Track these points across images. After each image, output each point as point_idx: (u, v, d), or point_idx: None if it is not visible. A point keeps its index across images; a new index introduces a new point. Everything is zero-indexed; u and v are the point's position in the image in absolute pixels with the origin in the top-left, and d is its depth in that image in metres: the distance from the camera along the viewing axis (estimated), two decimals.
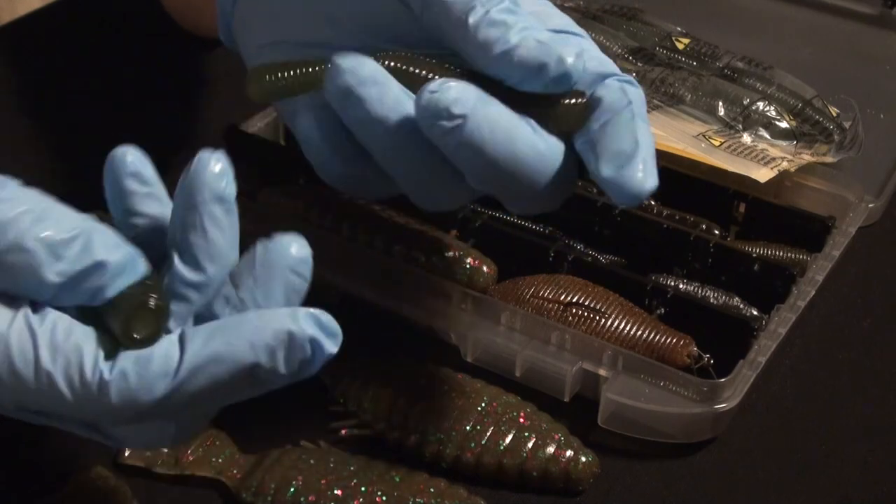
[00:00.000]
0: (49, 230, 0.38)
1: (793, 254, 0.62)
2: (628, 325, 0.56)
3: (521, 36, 0.45)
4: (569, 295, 0.57)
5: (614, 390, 0.53)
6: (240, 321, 0.39)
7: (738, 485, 0.53)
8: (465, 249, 0.60)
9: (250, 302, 0.41)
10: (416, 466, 0.51)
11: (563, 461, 0.51)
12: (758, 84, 0.73)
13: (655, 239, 0.62)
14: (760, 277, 0.60)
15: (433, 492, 0.49)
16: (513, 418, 0.52)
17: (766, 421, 0.56)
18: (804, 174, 0.67)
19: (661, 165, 0.66)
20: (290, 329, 0.38)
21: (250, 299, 0.41)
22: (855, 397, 0.57)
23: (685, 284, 0.60)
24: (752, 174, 0.64)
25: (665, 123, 0.69)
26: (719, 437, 0.54)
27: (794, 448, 0.55)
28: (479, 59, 0.46)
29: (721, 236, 0.63)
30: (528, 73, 0.45)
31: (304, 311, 0.39)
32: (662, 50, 0.76)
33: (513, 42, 0.45)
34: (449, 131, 0.45)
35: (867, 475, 0.53)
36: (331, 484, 0.49)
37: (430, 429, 0.52)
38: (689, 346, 0.55)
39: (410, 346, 0.57)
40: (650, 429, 0.53)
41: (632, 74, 0.73)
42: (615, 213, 0.62)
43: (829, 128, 0.71)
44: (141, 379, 0.38)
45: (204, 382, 0.39)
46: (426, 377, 0.54)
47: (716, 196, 0.65)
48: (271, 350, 0.38)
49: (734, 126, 0.70)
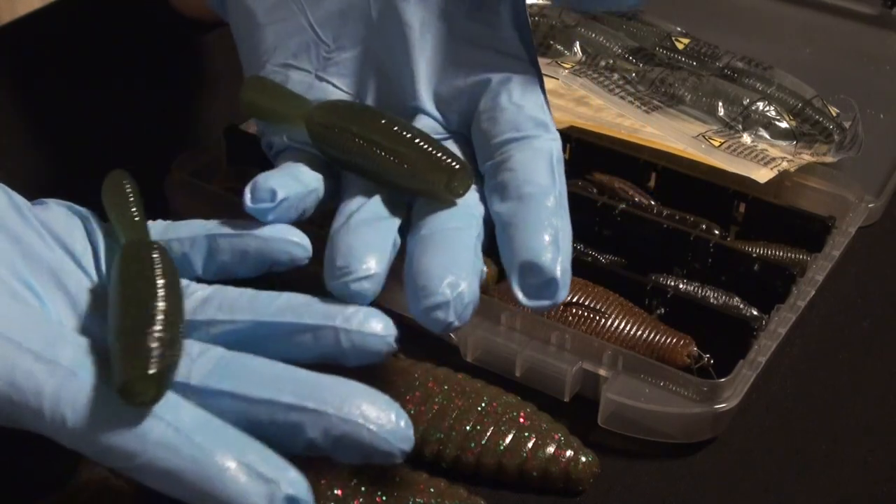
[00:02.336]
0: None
1: (793, 254, 0.62)
2: (628, 325, 0.56)
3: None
4: (569, 295, 0.57)
5: (614, 390, 0.53)
6: (209, 463, 0.38)
7: (738, 485, 0.53)
8: None
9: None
10: (416, 466, 0.51)
11: (563, 461, 0.51)
12: (758, 84, 0.73)
13: (655, 239, 0.62)
14: (760, 277, 0.60)
15: (433, 492, 0.49)
16: (513, 418, 0.52)
17: (766, 421, 0.56)
18: (804, 174, 0.67)
19: (661, 165, 0.67)
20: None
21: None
22: (855, 397, 0.57)
23: (685, 284, 0.60)
24: (752, 174, 0.64)
25: (665, 124, 0.69)
26: (719, 437, 0.54)
27: (794, 448, 0.55)
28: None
29: (721, 236, 0.63)
30: None
31: (281, 497, 0.38)
32: (662, 50, 0.76)
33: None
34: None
35: (867, 475, 0.53)
36: (331, 484, 0.49)
37: (430, 429, 0.52)
38: (689, 346, 0.55)
39: (410, 346, 0.57)
40: (650, 429, 0.53)
41: (631, 74, 0.73)
42: (615, 213, 0.63)
43: (829, 128, 0.71)
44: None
45: (151, 479, 0.38)
46: (426, 377, 0.54)
47: (716, 196, 0.65)
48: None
49: (734, 126, 0.70)
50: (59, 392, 0.38)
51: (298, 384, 0.40)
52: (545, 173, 0.46)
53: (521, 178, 0.46)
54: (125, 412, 0.38)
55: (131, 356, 0.39)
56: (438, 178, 0.46)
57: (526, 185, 0.46)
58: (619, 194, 0.66)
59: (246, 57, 0.55)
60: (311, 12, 0.52)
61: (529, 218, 0.45)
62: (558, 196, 0.46)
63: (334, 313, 0.43)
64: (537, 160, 0.47)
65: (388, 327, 0.43)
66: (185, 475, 0.38)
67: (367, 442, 0.40)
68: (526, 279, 0.44)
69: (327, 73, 0.53)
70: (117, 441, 0.38)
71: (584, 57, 0.75)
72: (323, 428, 0.40)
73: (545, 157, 0.47)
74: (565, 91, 0.71)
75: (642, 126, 0.69)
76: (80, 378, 0.39)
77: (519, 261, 0.44)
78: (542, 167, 0.47)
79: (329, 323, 0.43)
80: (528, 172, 0.46)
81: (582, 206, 0.63)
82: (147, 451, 0.38)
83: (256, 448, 0.39)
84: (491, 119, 0.50)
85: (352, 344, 0.43)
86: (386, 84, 0.52)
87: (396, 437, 0.40)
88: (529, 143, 0.48)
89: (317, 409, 0.40)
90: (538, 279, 0.43)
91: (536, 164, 0.47)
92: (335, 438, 0.40)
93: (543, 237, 0.44)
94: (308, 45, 0.52)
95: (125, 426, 0.38)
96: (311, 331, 0.43)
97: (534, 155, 0.47)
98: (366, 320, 0.43)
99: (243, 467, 0.38)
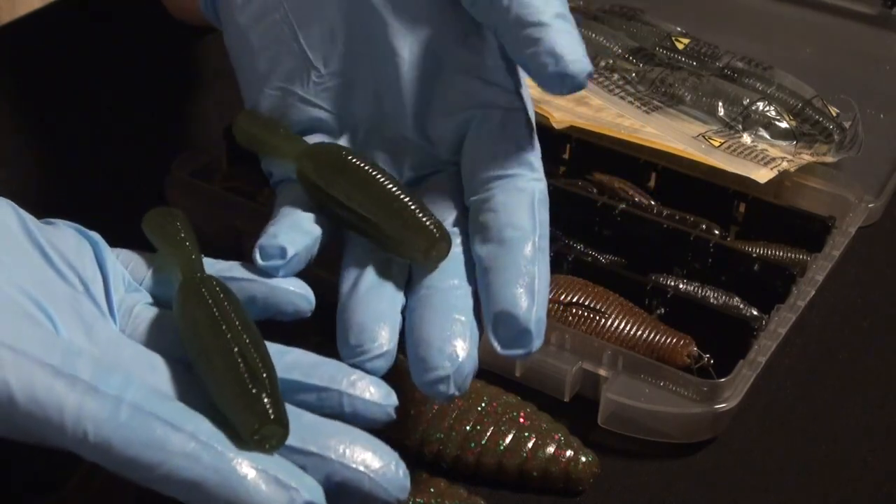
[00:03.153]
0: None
1: (793, 254, 0.62)
2: (628, 325, 0.56)
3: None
4: (569, 295, 0.57)
5: (614, 390, 0.53)
6: (229, 470, 0.38)
7: (738, 485, 0.53)
8: None
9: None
10: (416, 466, 0.51)
11: (563, 461, 0.51)
12: (758, 84, 0.73)
13: (655, 239, 0.62)
14: (760, 277, 0.60)
15: (433, 492, 0.49)
16: (513, 418, 0.52)
17: (766, 421, 0.56)
18: (804, 174, 0.67)
19: (661, 165, 0.67)
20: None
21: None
22: (855, 397, 0.57)
23: (685, 284, 0.60)
24: (752, 175, 0.64)
25: (665, 124, 0.69)
26: (719, 437, 0.54)
27: (794, 448, 0.55)
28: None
29: (721, 236, 0.63)
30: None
31: (301, 502, 0.38)
32: (662, 50, 0.76)
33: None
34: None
35: (867, 475, 0.53)
36: None
37: (430, 429, 0.52)
38: (689, 346, 0.55)
39: None
40: (650, 429, 0.53)
41: (631, 74, 0.73)
42: (615, 213, 0.63)
43: (829, 128, 0.71)
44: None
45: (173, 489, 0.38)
46: None
47: (716, 196, 0.65)
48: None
49: (734, 126, 0.70)
50: (81, 407, 0.38)
51: (303, 428, 0.41)
52: (526, 216, 0.47)
53: (502, 221, 0.47)
54: (146, 424, 0.39)
55: (248, 406, 0.40)
56: (418, 245, 0.46)
57: (506, 228, 0.46)
58: (619, 194, 0.66)
59: (243, 78, 0.55)
60: (302, 35, 0.52)
61: (507, 265, 0.45)
62: (538, 240, 0.46)
63: (340, 377, 0.44)
64: (519, 202, 0.47)
65: (389, 396, 0.45)
66: (207, 484, 0.38)
67: (366, 489, 0.41)
68: (501, 329, 0.44)
69: (319, 99, 0.53)
70: (139, 453, 0.38)
71: None
72: (325, 473, 0.41)
73: (527, 198, 0.47)
74: None
75: (642, 126, 0.69)
76: (101, 392, 0.39)
77: (494, 311, 0.45)
78: (524, 209, 0.47)
79: (334, 387, 0.44)
80: (509, 215, 0.47)
81: (582, 206, 0.63)
82: (168, 461, 0.38)
83: (272, 457, 0.40)
84: (476, 154, 0.50)
85: (354, 409, 0.44)
86: (378, 112, 0.52)
87: (395, 487, 0.41)
88: (513, 183, 0.48)
89: (320, 454, 0.41)
90: (513, 330, 0.44)
91: (518, 206, 0.47)
92: (336, 484, 0.41)
93: (518, 287, 0.45)
94: (300, 70, 0.52)
95: (146, 438, 0.38)
96: (316, 391, 0.44)
97: (517, 196, 0.47)
98: (369, 388, 0.44)
99: (263, 475, 0.38)
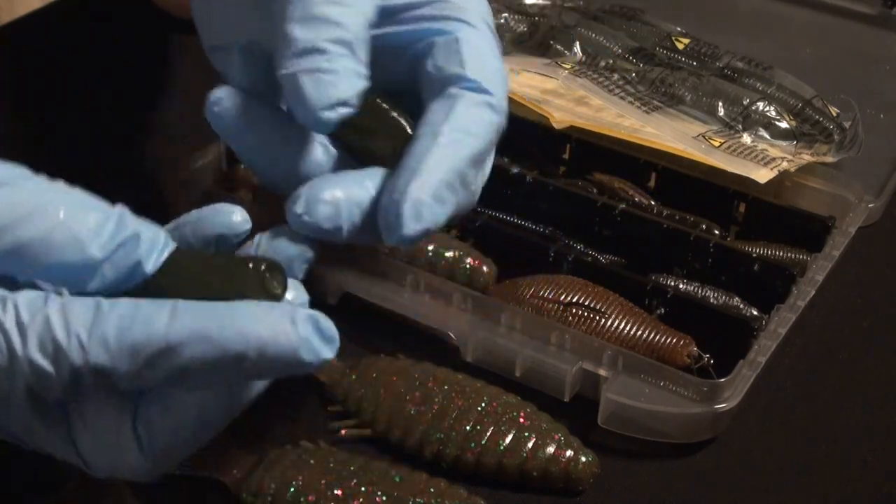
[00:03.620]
0: (88, 210, 0.39)
1: (793, 254, 0.62)
2: (628, 325, 0.56)
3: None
4: (569, 295, 0.57)
5: (614, 390, 0.53)
6: (235, 307, 0.38)
7: (738, 485, 0.53)
8: (465, 249, 0.60)
9: None
10: (416, 466, 0.51)
11: (563, 461, 0.51)
12: (758, 84, 0.73)
13: (655, 239, 0.62)
14: (760, 277, 0.60)
15: (433, 492, 0.49)
16: (513, 418, 0.52)
17: (766, 421, 0.56)
18: (804, 174, 0.67)
19: (661, 165, 0.67)
20: (286, 328, 0.37)
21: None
22: (855, 397, 0.57)
23: (685, 284, 0.60)
24: (752, 175, 0.64)
25: (665, 124, 0.69)
26: (719, 437, 0.54)
27: (794, 448, 0.55)
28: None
29: (721, 236, 0.63)
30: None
31: (303, 313, 0.38)
32: (662, 50, 0.76)
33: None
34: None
35: (867, 475, 0.53)
36: (331, 484, 0.49)
37: (430, 429, 0.52)
38: (689, 346, 0.55)
39: (410, 346, 0.57)
40: (650, 429, 0.53)
41: (631, 75, 0.73)
42: (615, 213, 0.63)
43: (829, 128, 0.71)
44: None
45: (187, 359, 0.37)
46: (426, 377, 0.54)
47: (716, 196, 0.65)
48: (262, 345, 0.37)
49: (734, 126, 0.70)
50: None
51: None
52: (442, 115, 0.44)
53: (422, 120, 0.44)
54: (145, 312, 0.38)
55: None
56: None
57: (421, 126, 0.43)
58: (619, 194, 0.66)
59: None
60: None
61: (405, 163, 0.42)
62: (447, 133, 0.43)
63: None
64: (443, 105, 0.44)
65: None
66: (212, 334, 0.38)
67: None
68: (382, 217, 0.42)
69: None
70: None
71: (584, 57, 0.75)
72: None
73: (453, 102, 0.44)
74: (565, 91, 0.71)
75: (642, 126, 0.69)
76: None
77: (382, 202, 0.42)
78: (442, 111, 0.44)
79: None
80: (428, 114, 0.44)
81: (582, 206, 0.63)
82: (179, 341, 0.38)
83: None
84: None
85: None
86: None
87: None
88: (449, 92, 0.44)
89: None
90: (390, 214, 0.41)
91: (440, 109, 0.44)
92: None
93: (401, 178, 0.42)
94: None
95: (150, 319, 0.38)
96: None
97: (446, 102, 0.44)
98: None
99: (255, 304, 0.38)
